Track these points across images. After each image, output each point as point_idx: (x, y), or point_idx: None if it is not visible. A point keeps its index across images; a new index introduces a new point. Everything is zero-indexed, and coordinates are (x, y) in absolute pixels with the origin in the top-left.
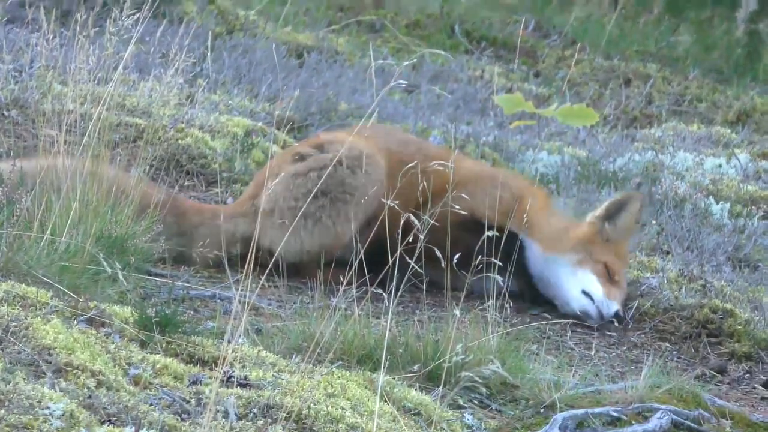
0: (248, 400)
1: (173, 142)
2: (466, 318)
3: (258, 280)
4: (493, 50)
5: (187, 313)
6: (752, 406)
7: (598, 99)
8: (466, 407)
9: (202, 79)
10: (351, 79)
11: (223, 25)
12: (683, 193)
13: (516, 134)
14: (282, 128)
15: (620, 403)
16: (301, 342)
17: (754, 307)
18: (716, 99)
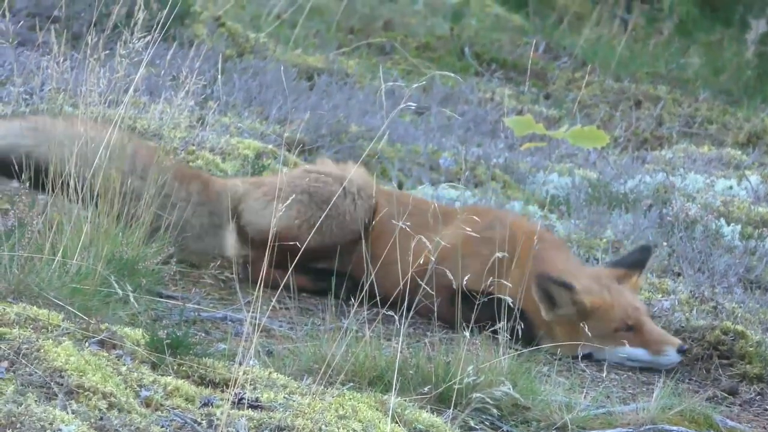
0: (259, 422)
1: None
2: (477, 340)
3: (269, 302)
4: (504, 72)
5: (198, 335)
6: (764, 427)
7: (608, 121)
8: (477, 429)
9: (213, 102)
10: (361, 101)
11: (233, 47)
12: (694, 214)
13: (527, 156)
14: (292, 150)
15: (632, 425)
16: (312, 364)
17: (765, 329)
18: (727, 121)
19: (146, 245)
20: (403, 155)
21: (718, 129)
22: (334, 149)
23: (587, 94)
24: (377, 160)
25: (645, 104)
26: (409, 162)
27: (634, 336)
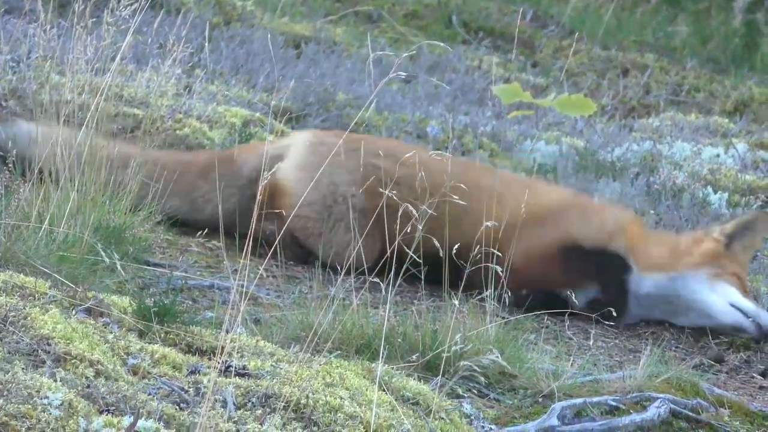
0: (247, 389)
1: (171, 132)
2: (465, 308)
3: (256, 270)
4: (491, 40)
5: (185, 303)
6: (750, 395)
7: (595, 89)
8: (464, 396)
9: (200, 70)
10: (349, 69)
11: (220, 15)
12: (681, 182)
13: (514, 124)
14: (279, 118)
15: (618, 393)
16: (300, 332)
17: (752, 296)
18: (714, 89)
19: (134, 213)
20: (391, 123)
21: (705, 97)
22: (322, 117)
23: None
24: (365, 128)
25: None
26: (396, 130)
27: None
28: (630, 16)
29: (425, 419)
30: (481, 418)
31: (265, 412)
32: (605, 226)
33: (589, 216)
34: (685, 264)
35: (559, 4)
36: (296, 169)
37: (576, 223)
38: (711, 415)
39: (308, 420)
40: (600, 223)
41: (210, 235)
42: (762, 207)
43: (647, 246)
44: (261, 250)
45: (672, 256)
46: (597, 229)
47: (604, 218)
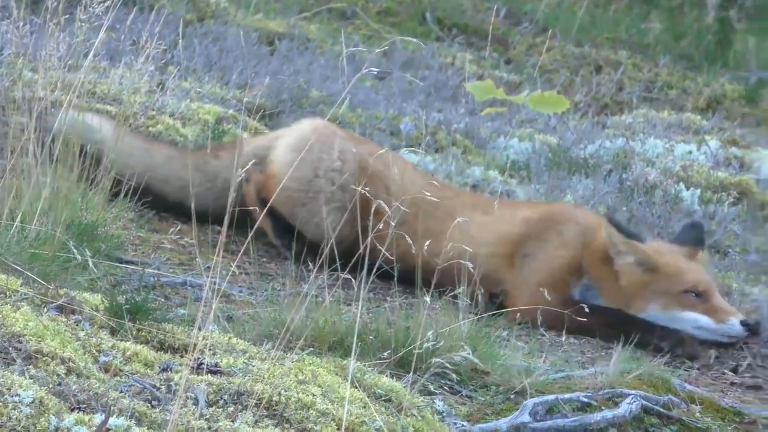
0: (219, 387)
1: (144, 129)
2: (437, 305)
3: (229, 267)
4: (465, 37)
5: (157, 300)
6: (722, 391)
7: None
8: (436, 393)
9: (173, 67)
10: (322, 66)
11: (194, 12)
12: (654, 179)
13: (487, 121)
14: (253, 115)
15: (590, 389)
16: (272, 329)
17: (724, 293)
18: (687, 86)
19: (106, 210)
20: (364, 120)
21: (678, 94)
22: (295, 114)
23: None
24: (338, 124)
25: (605, 69)
26: (369, 127)
27: (701, 302)
28: (603, 13)
29: (397, 416)
30: (453, 415)
31: (237, 410)
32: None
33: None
34: (636, 305)
35: (532, 1)
36: (288, 149)
37: (546, 259)
38: (682, 411)
39: (280, 417)
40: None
41: (183, 233)
42: (734, 204)
43: (602, 271)
44: (233, 247)
45: (622, 293)
46: (569, 257)
47: (571, 238)
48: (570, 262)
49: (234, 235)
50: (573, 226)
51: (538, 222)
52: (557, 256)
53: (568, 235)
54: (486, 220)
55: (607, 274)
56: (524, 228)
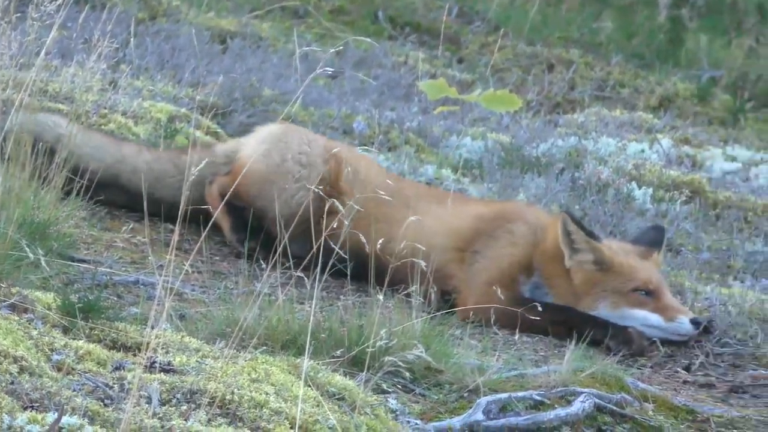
0: (172, 385)
1: (96, 127)
2: (391, 303)
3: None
4: (417, 36)
5: (110, 299)
6: (674, 389)
7: (521, 85)
8: (390, 392)
9: (125, 65)
10: (275, 65)
11: (145, 10)
12: (606, 178)
13: (440, 120)
14: (206, 114)
15: (543, 387)
16: (225, 327)
17: (676, 291)
18: (638, 84)
19: (58, 209)
20: (317, 119)
21: (630, 93)
22: (248, 113)
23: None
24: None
25: (557, 68)
26: (322, 126)
27: (651, 301)
28: (555, 12)
29: (351, 414)
30: (406, 414)
31: (190, 408)
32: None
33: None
34: (587, 303)
35: (484, 0)
36: (257, 141)
37: (497, 255)
38: (635, 409)
39: (233, 416)
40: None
41: (135, 231)
42: (686, 202)
43: (553, 270)
44: (186, 246)
45: (574, 291)
46: (520, 255)
47: (521, 236)
48: (520, 260)
49: (187, 234)
50: (523, 225)
51: (489, 219)
52: (507, 253)
53: (518, 233)
54: (441, 212)
55: (558, 272)
56: (476, 224)
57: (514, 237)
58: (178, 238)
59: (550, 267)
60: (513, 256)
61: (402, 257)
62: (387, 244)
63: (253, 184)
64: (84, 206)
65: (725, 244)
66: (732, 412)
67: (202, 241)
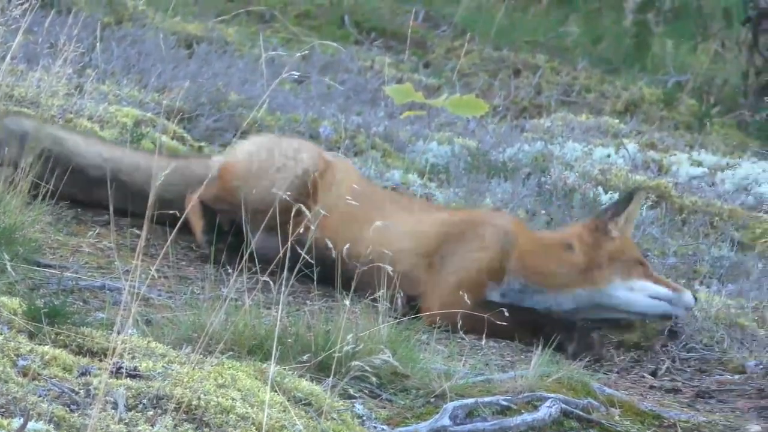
0: (138, 391)
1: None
2: (357, 308)
3: (148, 271)
4: (383, 41)
5: (76, 304)
6: (641, 394)
7: (487, 89)
8: (356, 397)
9: (91, 70)
10: (241, 69)
11: (111, 15)
12: (572, 183)
13: (406, 124)
14: (172, 119)
15: (510, 392)
16: (192, 333)
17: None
18: (605, 89)
19: (23, 213)
20: (283, 124)
21: (596, 97)
22: (214, 117)
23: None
24: (257, 128)
25: (524, 73)
26: (288, 130)
27: (651, 274)
28: (522, 16)
29: (317, 420)
30: (373, 419)
31: (157, 414)
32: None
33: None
34: (599, 278)
35: (451, 5)
36: (248, 143)
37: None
38: (602, 414)
39: (200, 421)
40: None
41: (101, 236)
42: (652, 207)
43: (547, 262)
44: (153, 251)
45: (580, 271)
46: (489, 260)
47: (490, 241)
48: (489, 265)
49: (153, 239)
50: (491, 229)
51: (458, 224)
52: (475, 258)
53: (487, 238)
54: (411, 218)
55: (549, 265)
56: (444, 228)
57: (482, 242)
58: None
59: (538, 264)
60: (481, 261)
61: (368, 262)
62: (354, 247)
63: (236, 177)
64: (50, 211)
65: (691, 249)
66: (698, 417)
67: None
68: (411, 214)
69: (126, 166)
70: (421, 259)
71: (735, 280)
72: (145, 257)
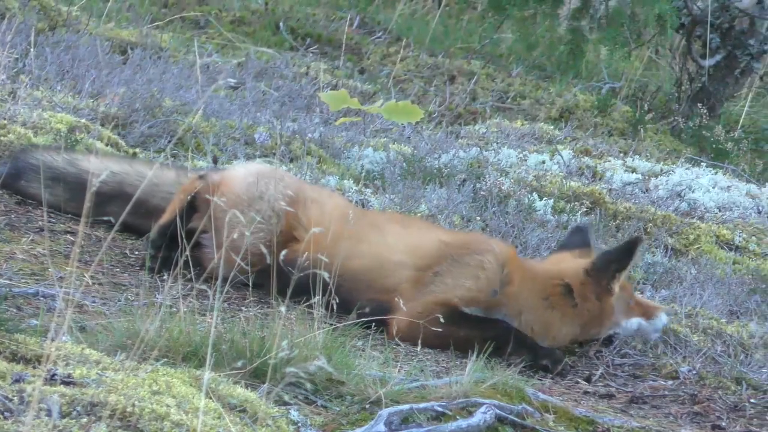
0: (72, 398)
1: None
2: (293, 314)
3: (82, 278)
4: (318, 47)
5: (9, 311)
6: (575, 400)
7: (422, 96)
8: (291, 403)
9: (25, 76)
10: (176, 75)
11: (45, 20)
12: (507, 189)
13: (342, 131)
14: (107, 125)
15: (445, 398)
16: (126, 339)
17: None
18: (539, 96)
19: None
20: (218, 130)
21: (531, 104)
22: (148, 124)
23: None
24: (192, 134)
25: (459, 79)
26: (224, 137)
27: (636, 307)
28: (456, 23)
29: (252, 426)
30: (308, 425)
31: (91, 421)
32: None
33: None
34: (595, 330)
35: (386, 11)
36: (246, 170)
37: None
38: (536, 420)
39: (134, 428)
40: None
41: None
42: (586, 213)
43: (547, 316)
44: (87, 258)
45: (581, 325)
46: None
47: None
48: (477, 295)
49: (86, 245)
50: (492, 258)
51: (459, 246)
52: (468, 286)
53: (486, 267)
54: (404, 232)
55: (550, 319)
56: (444, 247)
57: (482, 270)
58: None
59: (539, 315)
60: (473, 290)
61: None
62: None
63: (229, 194)
64: None
65: None
66: (632, 422)
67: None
68: (409, 229)
69: (132, 178)
70: (413, 273)
71: (668, 286)
72: (79, 264)
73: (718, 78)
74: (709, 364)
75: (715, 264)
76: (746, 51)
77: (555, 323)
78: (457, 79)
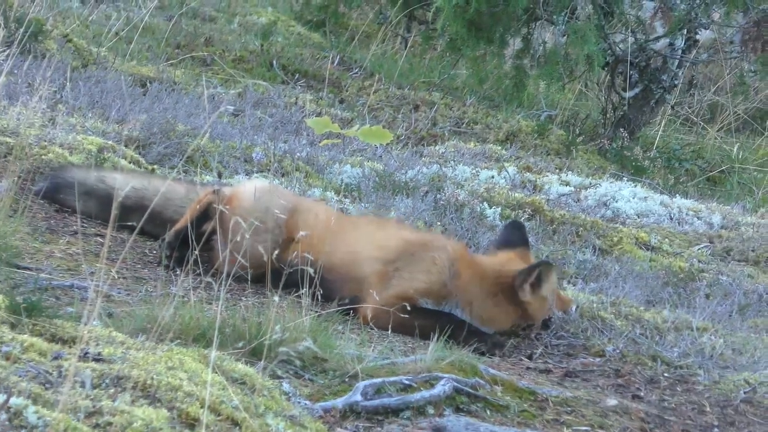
0: (101, 372)
1: (38, 157)
2: (284, 303)
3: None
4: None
5: (49, 300)
6: (519, 374)
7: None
8: (283, 377)
9: (62, 105)
10: (187, 104)
11: (79, 59)
12: (463, 199)
13: (325, 150)
14: (129, 145)
15: (411, 373)
16: (146, 324)
17: None
18: (489, 122)
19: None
20: (222, 150)
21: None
22: (164, 145)
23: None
24: (200, 153)
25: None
26: (227, 155)
27: (558, 300)
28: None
29: (251, 396)
30: (297, 395)
31: (117, 391)
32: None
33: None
34: (540, 315)
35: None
36: (253, 188)
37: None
38: (487, 391)
39: (153, 397)
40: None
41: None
42: (528, 219)
43: (491, 309)
44: (113, 256)
45: (518, 317)
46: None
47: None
48: (430, 287)
49: (113, 246)
50: (443, 254)
51: (415, 243)
52: (422, 279)
53: (437, 263)
54: (377, 232)
55: (492, 312)
56: (403, 245)
57: (433, 265)
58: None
59: (482, 308)
60: (426, 282)
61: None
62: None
63: (239, 206)
64: (27, 222)
65: (560, 254)
66: (566, 393)
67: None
68: (382, 230)
69: (150, 193)
70: (381, 267)
71: (596, 279)
72: (107, 261)
73: (636, 107)
74: (630, 345)
75: (634, 261)
76: (660, 85)
77: (499, 314)
78: (420, 108)
